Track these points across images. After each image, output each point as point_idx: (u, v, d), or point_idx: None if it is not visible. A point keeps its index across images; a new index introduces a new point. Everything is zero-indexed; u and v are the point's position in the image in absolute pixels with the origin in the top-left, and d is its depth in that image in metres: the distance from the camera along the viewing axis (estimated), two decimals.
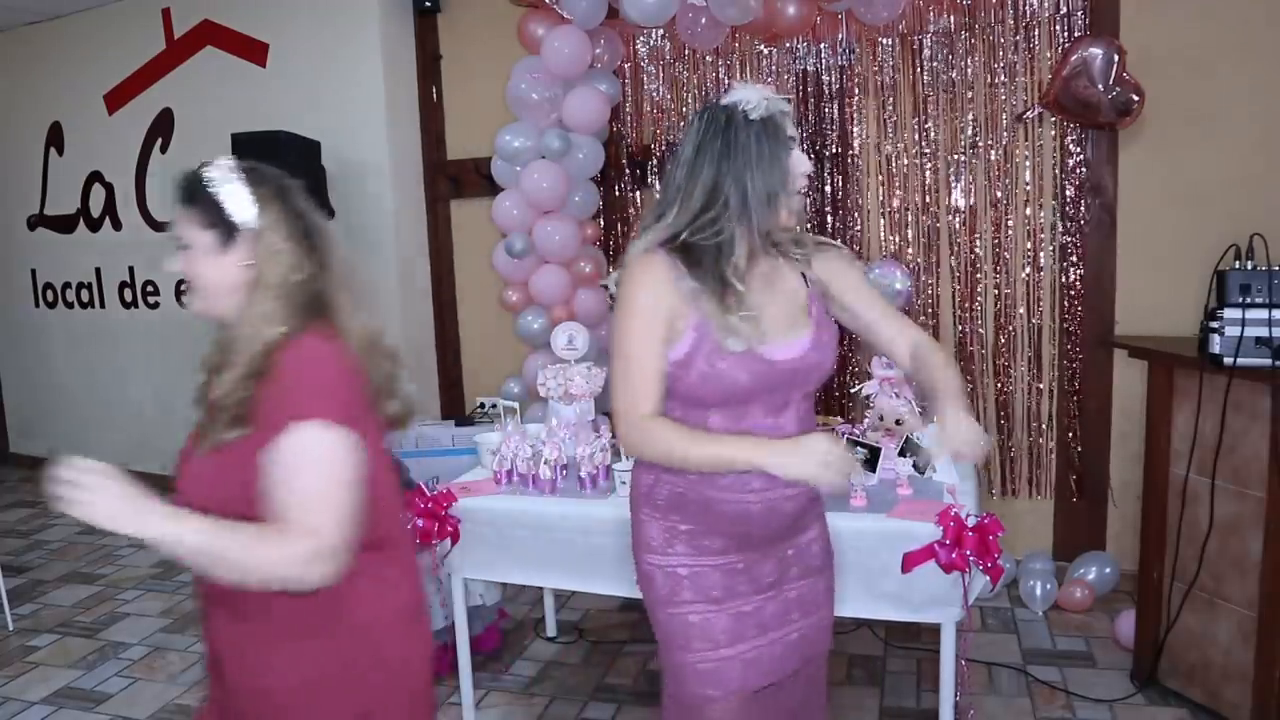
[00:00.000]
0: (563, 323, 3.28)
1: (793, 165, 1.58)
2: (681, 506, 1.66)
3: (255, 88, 4.68)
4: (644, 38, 4.05)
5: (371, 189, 4.49)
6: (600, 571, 2.48)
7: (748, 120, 1.55)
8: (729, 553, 1.67)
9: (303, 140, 4.14)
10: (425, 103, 4.59)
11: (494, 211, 3.87)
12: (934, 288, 3.79)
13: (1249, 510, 2.45)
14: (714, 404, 1.60)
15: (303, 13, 4.54)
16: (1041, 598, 3.39)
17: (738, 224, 1.56)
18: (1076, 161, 3.55)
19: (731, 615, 1.66)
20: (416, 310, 4.67)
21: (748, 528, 1.65)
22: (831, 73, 3.84)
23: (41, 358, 5.93)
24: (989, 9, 3.57)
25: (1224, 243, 2.46)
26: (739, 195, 1.54)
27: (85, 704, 3.04)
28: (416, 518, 2.60)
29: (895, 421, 2.65)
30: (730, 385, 1.57)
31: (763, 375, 1.58)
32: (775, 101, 1.58)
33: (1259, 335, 2.35)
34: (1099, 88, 3.20)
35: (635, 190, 4.22)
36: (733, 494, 1.62)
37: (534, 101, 3.71)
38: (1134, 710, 2.72)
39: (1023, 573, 3.48)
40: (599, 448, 2.66)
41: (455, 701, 2.89)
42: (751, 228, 1.56)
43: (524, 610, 3.58)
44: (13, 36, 5.57)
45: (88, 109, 5.32)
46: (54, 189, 5.64)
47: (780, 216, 1.60)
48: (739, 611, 1.67)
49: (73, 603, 3.88)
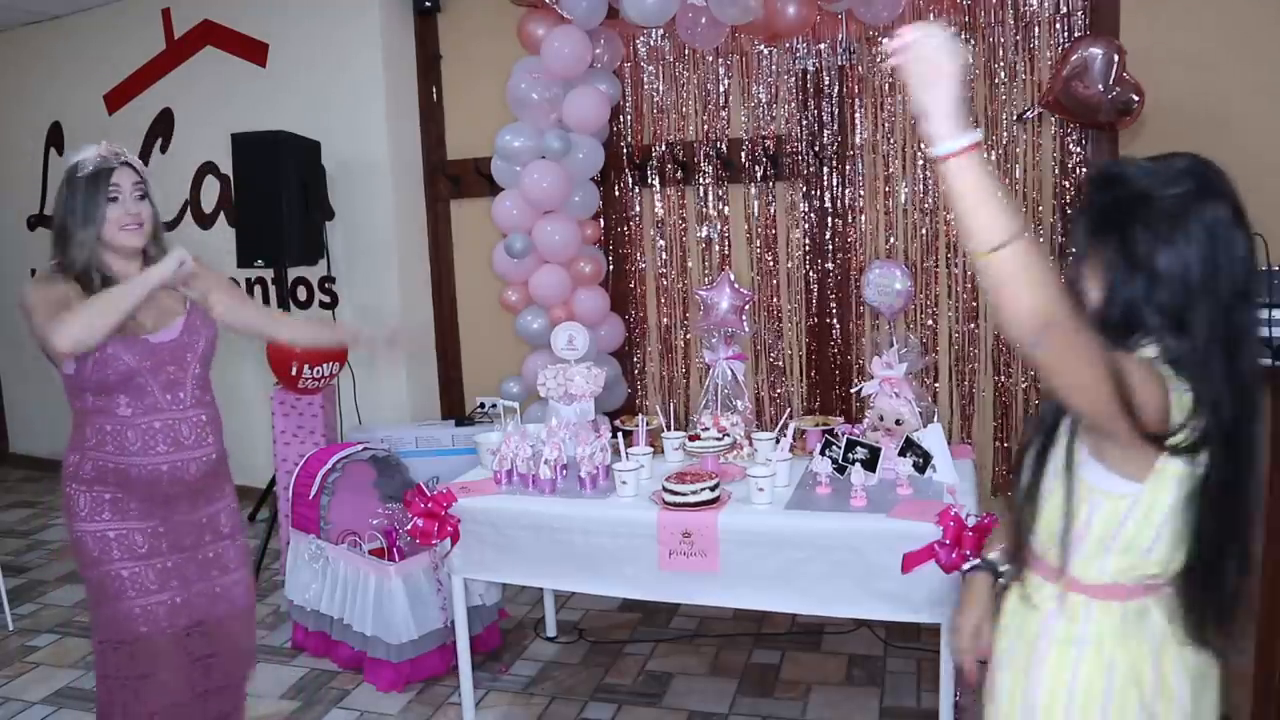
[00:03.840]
0: (563, 323, 3.28)
1: (107, 212, 1.98)
2: (104, 478, 2.00)
3: (255, 88, 4.68)
4: (644, 38, 4.05)
5: (371, 189, 4.49)
6: (600, 571, 2.48)
7: (77, 178, 1.99)
8: (150, 517, 2.03)
9: (303, 140, 4.14)
10: (425, 103, 4.59)
11: (494, 211, 3.87)
12: (934, 288, 3.79)
13: None
14: (115, 385, 1.95)
15: (303, 13, 4.54)
16: None
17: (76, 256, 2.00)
18: (1076, 161, 3.55)
19: (157, 570, 2.05)
20: (416, 310, 4.67)
21: (159, 489, 2.02)
22: (831, 73, 3.84)
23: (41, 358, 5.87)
24: (989, 9, 3.58)
25: None
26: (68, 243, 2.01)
27: (85, 704, 3.03)
28: (416, 518, 2.60)
29: (895, 421, 2.65)
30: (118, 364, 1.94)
31: (146, 353, 1.97)
32: (106, 160, 1.99)
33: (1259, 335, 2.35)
34: (1099, 88, 3.20)
35: (635, 190, 4.23)
36: (142, 458, 1.98)
37: (534, 101, 3.71)
38: None
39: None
40: (599, 448, 2.66)
41: (455, 701, 2.89)
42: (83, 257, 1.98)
43: (524, 610, 3.58)
44: (13, 36, 5.57)
45: (88, 109, 5.32)
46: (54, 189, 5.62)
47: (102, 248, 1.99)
48: (164, 566, 2.06)
49: (73, 603, 3.88)
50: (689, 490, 2.38)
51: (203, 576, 2.13)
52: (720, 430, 2.73)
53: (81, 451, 2.01)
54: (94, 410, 1.99)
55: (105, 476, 2.00)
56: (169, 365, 2.02)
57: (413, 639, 2.96)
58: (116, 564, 2.01)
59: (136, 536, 2.03)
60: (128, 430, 1.98)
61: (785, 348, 4.07)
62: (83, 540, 2.02)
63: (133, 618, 2.02)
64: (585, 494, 2.58)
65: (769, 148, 3.94)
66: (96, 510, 2.01)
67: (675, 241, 4.19)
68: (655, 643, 3.28)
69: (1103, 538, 1.23)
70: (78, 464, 2.02)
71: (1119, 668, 1.24)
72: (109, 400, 1.98)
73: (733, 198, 4.09)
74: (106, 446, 1.99)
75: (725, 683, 2.99)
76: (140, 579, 2.02)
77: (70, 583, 4.11)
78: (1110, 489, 1.21)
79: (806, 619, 3.27)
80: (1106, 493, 1.21)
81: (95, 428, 2.00)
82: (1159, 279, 1.17)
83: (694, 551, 2.35)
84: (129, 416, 1.98)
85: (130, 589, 2.02)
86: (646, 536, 2.40)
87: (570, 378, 2.98)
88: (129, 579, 2.02)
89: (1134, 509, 1.20)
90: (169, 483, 2.03)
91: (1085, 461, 1.24)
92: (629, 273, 4.28)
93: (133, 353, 1.97)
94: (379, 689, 2.99)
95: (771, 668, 3.07)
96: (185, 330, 2.07)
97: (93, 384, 1.97)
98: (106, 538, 2.01)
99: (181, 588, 2.08)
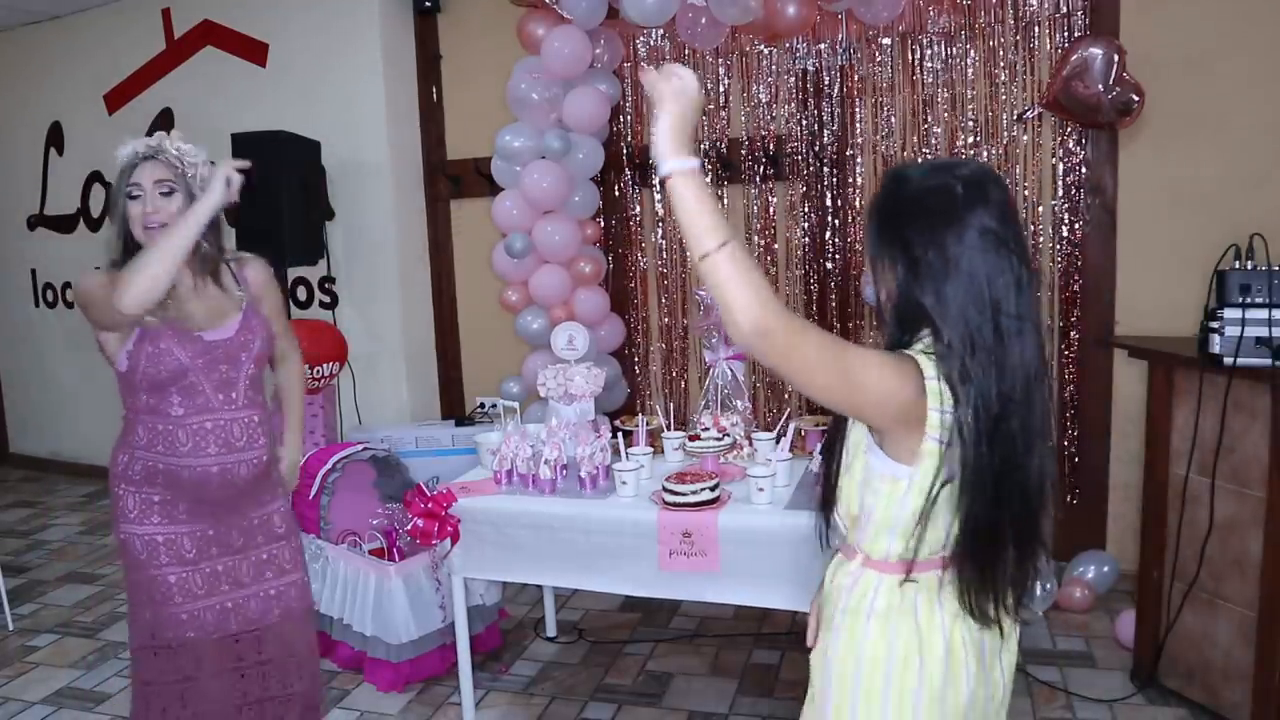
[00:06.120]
0: (563, 323, 3.28)
1: (129, 208, 1.95)
2: (153, 480, 1.97)
3: (255, 88, 4.68)
4: (644, 38, 4.05)
5: (371, 189, 4.49)
6: (601, 569, 2.48)
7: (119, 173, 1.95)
8: (199, 520, 2.00)
9: (303, 140, 4.14)
10: (425, 103, 4.59)
11: (494, 211, 3.87)
12: None
13: (1249, 510, 2.45)
14: (167, 382, 1.93)
15: (303, 13, 4.54)
16: (1041, 597, 3.38)
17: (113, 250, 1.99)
18: (1076, 161, 3.55)
19: (205, 574, 2.01)
20: (416, 310, 4.67)
21: (210, 492, 1.98)
22: (831, 73, 3.84)
23: (41, 358, 5.93)
24: (989, 9, 3.57)
25: (1224, 243, 2.46)
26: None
27: (85, 704, 3.04)
28: (416, 518, 2.60)
29: None
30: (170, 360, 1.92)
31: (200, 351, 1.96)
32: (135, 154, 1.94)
33: (1259, 335, 2.35)
34: (1099, 88, 3.20)
35: (635, 190, 4.23)
36: (192, 459, 1.95)
37: (534, 101, 3.71)
38: (1134, 710, 2.72)
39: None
40: (599, 448, 2.66)
41: (455, 701, 2.89)
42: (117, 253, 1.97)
43: (524, 610, 3.58)
44: (13, 36, 5.57)
45: (88, 109, 5.32)
46: (54, 189, 5.64)
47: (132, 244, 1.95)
48: (212, 570, 2.02)
49: (73, 603, 3.88)
50: (689, 490, 2.38)
51: (257, 579, 2.09)
52: (720, 430, 2.73)
53: (131, 451, 1.99)
54: (146, 410, 1.96)
55: (154, 477, 1.97)
56: (222, 364, 1.99)
57: (413, 639, 2.96)
58: (164, 569, 1.97)
59: (185, 541, 1.99)
60: (179, 430, 1.95)
61: None
62: (130, 543, 1.99)
63: (179, 623, 1.98)
64: (585, 494, 2.58)
65: (769, 148, 3.95)
66: (145, 513, 1.98)
67: (675, 242, 4.19)
68: (655, 643, 3.28)
69: (884, 519, 1.33)
70: (127, 464, 1.99)
71: (901, 637, 1.34)
72: (162, 399, 1.95)
73: (732, 198, 4.09)
74: (157, 446, 1.96)
75: (725, 683, 2.99)
76: (187, 584, 1.99)
77: (70, 582, 4.11)
78: (887, 472, 1.30)
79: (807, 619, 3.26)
80: (884, 476, 1.31)
81: (147, 427, 1.96)
82: (923, 277, 1.26)
83: (694, 551, 2.35)
84: (181, 416, 1.94)
85: (177, 594, 1.98)
86: (647, 536, 2.40)
87: (570, 378, 2.98)
88: (176, 584, 1.98)
89: (909, 491, 1.29)
90: (219, 485, 1.99)
91: (870, 447, 1.33)
92: (629, 273, 4.28)
93: (185, 349, 1.94)
94: (379, 689, 2.99)
95: (771, 668, 3.07)
96: (241, 329, 2.03)
97: (145, 381, 1.93)
98: (155, 541, 1.97)
99: (233, 591, 2.04)
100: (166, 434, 1.95)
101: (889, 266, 1.31)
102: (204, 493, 1.99)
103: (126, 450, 2.00)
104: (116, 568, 4.27)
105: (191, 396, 1.95)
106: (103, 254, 2.02)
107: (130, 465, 1.99)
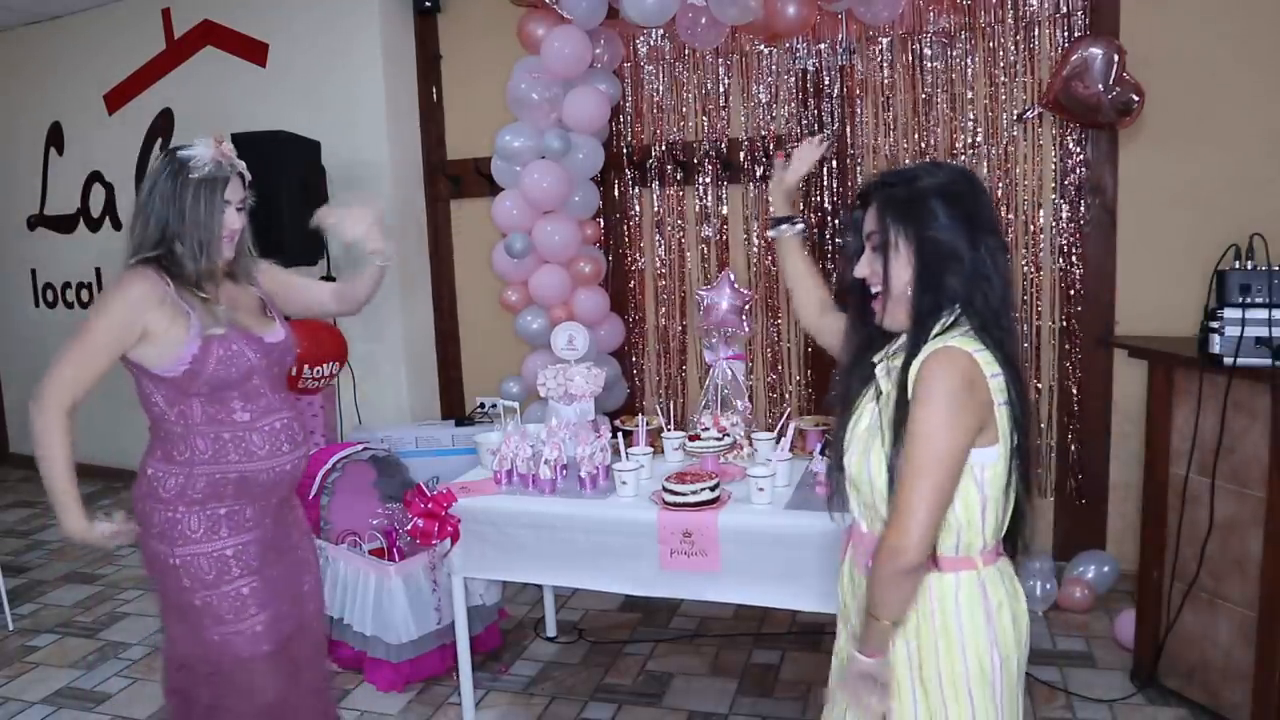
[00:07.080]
0: (563, 323, 3.28)
1: (224, 223, 1.88)
2: (220, 492, 1.88)
3: (255, 88, 4.68)
4: (644, 38, 4.05)
5: (371, 189, 4.48)
6: (602, 569, 2.48)
7: (189, 177, 1.83)
8: (260, 524, 1.95)
9: (303, 140, 4.14)
10: (425, 103, 4.59)
11: (494, 211, 3.87)
12: None
13: (1249, 510, 2.45)
14: (235, 383, 1.87)
15: (303, 13, 4.54)
16: (1041, 597, 3.39)
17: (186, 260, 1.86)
18: (1076, 161, 3.55)
19: (268, 579, 1.95)
20: (416, 310, 4.67)
21: (280, 491, 1.98)
22: (831, 73, 3.84)
23: (41, 358, 5.85)
24: (989, 9, 3.57)
25: (1224, 243, 2.46)
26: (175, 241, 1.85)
27: (85, 704, 3.04)
28: (416, 518, 2.60)
29: None
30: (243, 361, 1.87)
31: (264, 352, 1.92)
32: (220, 166, 1.86)
33: (1259, 335, 2.35)
34: (1099, 88, 3.20)
35: (635, 190, 4.23)
36: (270, 461, 1.92)
37: (534, 101, 3.71)
38: (1134, 710, 2.72)
39: (1022, 572, 3.47)
40: (599, 448, 2.66)
41: (455, 701, 2.89)
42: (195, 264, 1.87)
43: (524, 610, 3.58)
44: (13, 36, 5.57)
45: (88, 109, 5.32)
46: (54, 189, 5.63)
47: (215, 257, 1.89)
48: (270, 575, 1.97)
49: (73, 603, 3.88)
50: (689, 490, 2.38)
51: (301, 576, 2.08)
52: (720, 430, 2.73)
53: (189, 469, 1.86)
54: (206, 421, 1.87)
55: (222, 489, 1.88)
56: (275, 366, 1.98)
57: (412, 639, 2.96)
58: (238, 581, 1.89)
59: (252, 548, 1.93)
60: (252, 435, 1.90)
61: (785, 347, 4.08)
62: (194, 564, 1.87)
63: (256, 636, 1.91)
64: (585, 494, 2.58)
65: (769, 148, 3.95)
66: (213, 530, 1.88)
67: (675, 241, 4.19)
68: (655, 643, 3.28)
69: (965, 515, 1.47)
70: (184, 484, 1.87)
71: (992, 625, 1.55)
72: (222, 408, 1.88)
73: (732, 198, 4.09)
74: (228, 456, 1.87)
75: (725, 683, 2.99)
76: (261, 592, 1.93)
77: (70, 583, 4.11)
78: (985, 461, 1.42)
79: (806, 619, 3.27)
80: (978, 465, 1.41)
81: (209, 439, 1.87)
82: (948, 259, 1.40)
83: (695, 551, 2.35)
84: (249, 420, 1.90)
85: (253, 604, 1.91)
86: (647, 536, 2.40)
87: (570, 378, 2.98)
88: (250, 595, 1.91)
89: (998, 460, 1.42)
90: (289, 484, 2.00)
91: None
92: (629, 273, 4.28)
93: (254, 350, 1.91)
94: (379, 689, 2.99)
95: (771, 668, 3.07)
96: (288, 332, 2.04)
97: (211, 383, 1.85)
98: (224, 556, 1.89)
99: (287, 591, 2.01)
100: (238, 441, 1.89)
101: (906, 255, 1.42)
102: (273, 493, 1.97)
103: (181, 469, 1.87)
104: (116, 568, 4.27)
105: (253, 399, 1.91)
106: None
107: (189, 485, 1.87)
